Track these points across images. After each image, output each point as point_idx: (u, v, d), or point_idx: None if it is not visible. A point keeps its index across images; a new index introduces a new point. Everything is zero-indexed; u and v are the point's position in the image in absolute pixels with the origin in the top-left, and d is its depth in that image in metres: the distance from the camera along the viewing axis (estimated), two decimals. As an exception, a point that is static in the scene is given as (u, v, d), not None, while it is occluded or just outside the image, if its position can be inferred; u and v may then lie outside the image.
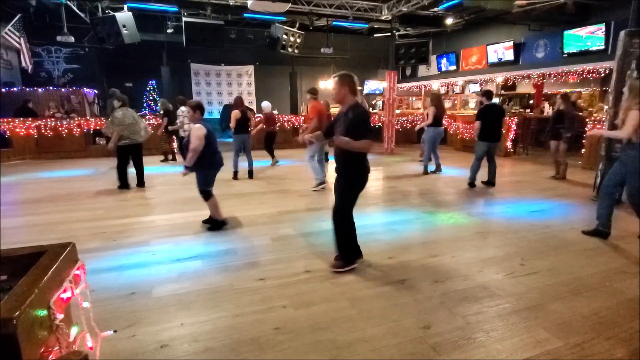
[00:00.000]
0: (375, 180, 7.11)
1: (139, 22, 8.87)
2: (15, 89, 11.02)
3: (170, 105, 8.64)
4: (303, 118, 10.87)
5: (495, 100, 13.45)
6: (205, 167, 4.07)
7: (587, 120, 8.13)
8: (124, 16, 8.59)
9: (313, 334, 2.32)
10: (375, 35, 13.57)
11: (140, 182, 6.42)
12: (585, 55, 9.62)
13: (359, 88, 6.72)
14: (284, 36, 10.27)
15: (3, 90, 10.39)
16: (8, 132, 9.15)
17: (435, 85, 15.03)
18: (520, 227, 4.27)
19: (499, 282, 2.97)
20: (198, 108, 4.11)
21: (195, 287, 2.92)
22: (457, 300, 2.70)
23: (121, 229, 4.26)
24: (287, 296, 2.77)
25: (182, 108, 7.59)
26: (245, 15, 10.01)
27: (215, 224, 4.24)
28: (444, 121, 8.35)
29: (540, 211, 4.93)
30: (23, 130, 9.25)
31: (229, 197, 5.75)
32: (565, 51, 10.08)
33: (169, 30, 11.77)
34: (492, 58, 12.29)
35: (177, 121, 7.90)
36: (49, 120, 9.58)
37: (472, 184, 6.26)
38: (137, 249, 3.69)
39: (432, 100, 7.38)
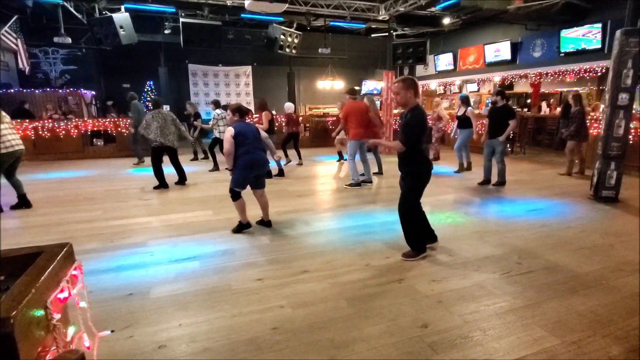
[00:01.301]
0: (373, 180, 7.12)
1: (136, 23, 8.86)
2: (12, 90, 10.99)
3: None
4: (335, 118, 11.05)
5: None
6: (238, 168, 4.00)
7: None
8: (121, 17, 8.58)
9: (311, 334, 2.32)
10: (372, 35, 13.61)
11: (181, 181, 6.62)
12: (582, 55, 9.67)
13: (357, 88, 6.79)
14: (282, 36, 10.28)
15: (0, 91, 10.36)
16: (5, 133, 9.11)
17: (433, 85, 15.08)
18: (517, 226, 4.29)
19: (495, 281, 2.98)
20: (237, 111, 4.10)
21: (193, 288, 2.92)
22: (454, 299, 2.71)
23: (119, 230, 4.26)
24: (284, 296, 2.77)
25: (217, 111, 7.88)
26: (242, 15, 10.02)
27: (239, 226, 4.19)
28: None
29: (537, 210, 4.95)
30: (20, 131, 9.20)
31: (227, 198, 5.75)
32: (562, 50, 10.13)
33: (166, 31, 11.77)
34: (490, 57, 12.32)
35: (210, 123, 8.11)
36: (46, 121, 9.56)
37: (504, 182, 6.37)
38: (135, 250, 3.69)
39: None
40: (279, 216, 4.78)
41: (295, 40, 10.69)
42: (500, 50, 11.95)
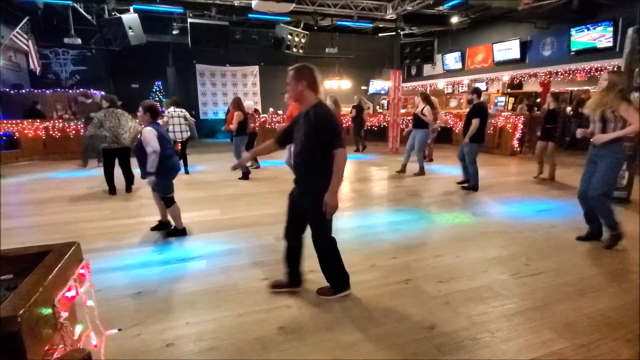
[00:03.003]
0: (380, 180, 7.11)
1: (144, 24, 8.93)
2: (23, 90, 11.15)
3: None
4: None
5: (497, 100, 13.39)
6: (163, 173, 3.83)
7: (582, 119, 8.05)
8: (130, 18, 8.66)
9: (317, 334, 2.32)
10: (380, 34, 13.56)
11: (128, 188, 6.14)
12: (593, 53, 9.52)
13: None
14: (289, 36, 10.29)
15: (12, 92, 10.52)
16: (17, 133, 9.27)
17: (441, 84, 14.97)
18: (526, 227, 4.24)
19: (503, 282, 2.96)
20: (150, 110, 3.88)
21: (200, 287, 2.94)
22: (462, 301, 2.69)
23: (127, 229, 4.30)
24: (291, 296, 2.78)
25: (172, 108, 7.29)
26: (250, 15, 10.05)
27: (174, 232, 4.08)
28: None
29: (546, 211, 4.89)
30: (31, 131, 9.36)
31: (234, 197, 5.78)
32: (573, 49, 9.99)
33: (174, 32, 11.86)
34: (499, 56, 12.20)
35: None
36: (56, 121, 9.69)
37: (476, 187, 6.03)
38: (143, 249, 3.72)
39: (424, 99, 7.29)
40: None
41: (303, 40, 10.69)
42: (509, 49, 11.82)
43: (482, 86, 13.83)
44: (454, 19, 11.18)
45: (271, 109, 13.28)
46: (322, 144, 2.41)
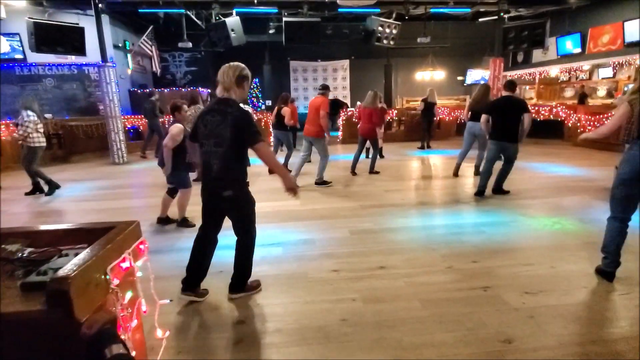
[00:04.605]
0: (467, 177, 6.60)
1: (244, 25, 9.64)
2: (147, 90, 13.01)
3: None
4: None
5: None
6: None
7: None
8: (232, 21, 9.44)
9: (378, 331, 2.28)
10: (480, 19, 12.46)
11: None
12: None
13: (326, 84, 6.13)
14: (379, 28, 10.10)
15: (139, 91, 12.35)
16: (141, 127, 10.87)
17: (554, 71, 13.19)
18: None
19: (607, 303, 2.51)
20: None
21: (273, 272, 3.10)
22: (551, 317, 2.36)
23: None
24: (357, 290, 2.77)
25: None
26: (340, 10, 10.12)
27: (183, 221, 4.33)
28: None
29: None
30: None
31: (316, 189, 5.94)
32: None
33: (270, 31, 12.56)
34: (631, 36, 10.25)
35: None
36: (169, 117, 11.09)
37: (480, 192, 5.21)
38: (230, 233, 4.05)
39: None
40: (362, 209, 4.77)
41: (394, 31, 10.38)
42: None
43: (608, 72, 11.81)
44: (573, -5, 9.70)
45: (359, 103, 13.26)
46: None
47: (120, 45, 11.70)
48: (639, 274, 2.81)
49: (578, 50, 12.17)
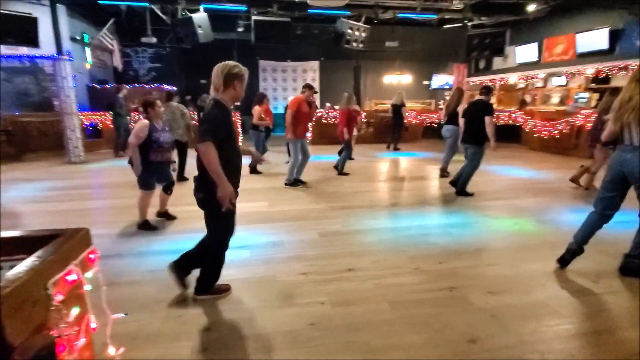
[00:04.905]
0: (434, 179, 6.78)
1: (212, 22, 9.39)
2: (108, 86, 12.39)
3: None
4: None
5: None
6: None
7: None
8: (199, 17, 9.16)
9: (347, 334, 2.26)
10: (445, 26, 12.86)
11: (179, 178, 6.18)
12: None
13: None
14: (349, 30, 10.16)
15: (98, 87, 11.73)
16: (100, 124, 10.34)
17: (513, 78, 13.84)
18: (600, 240, 3.69)
19: (564, 300, 2.64)
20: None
21: (241, 275, 3.02)
22: (512, 316, 2.45)
23: (185, 216, 4.54)
24: (326, 293, 2.74)
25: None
26: (310, 11, 10.10)
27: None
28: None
29: (628, 222, 4.25)
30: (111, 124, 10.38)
31: (285, 190, 5.88)
32: (676, 37, 8.62)
33: (239, 29, 12.32)
34: (582, 47, 10.94)
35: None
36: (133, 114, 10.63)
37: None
38: (195, 235, 3.88)
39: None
40: (332, 211, 4.76)
41: (363, 34, 10.47)
42: (595, 39, 10.54)
43: (562, 80, 12.55)
44: (531, 7, 10.22)
45: (328, 104, 13.31)
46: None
47: (78, 38, 11.06)
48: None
49: (535, 59, 12.85)
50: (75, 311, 1.12)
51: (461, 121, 5.51)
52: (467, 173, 5.41)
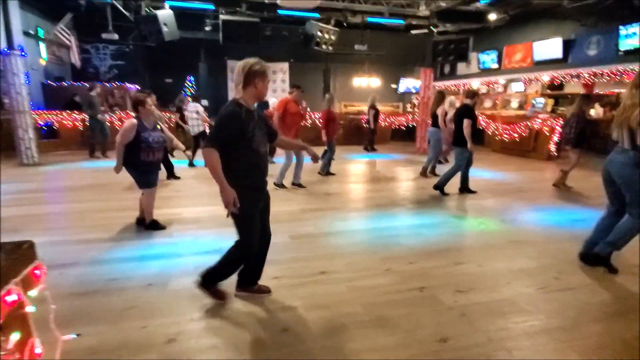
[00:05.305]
0: (405, 181, 6.91)
1: (178, 20, 9.10)
2: (65, 83, 11.71)
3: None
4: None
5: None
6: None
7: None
8: (165, 14, 8.85)
9: (321, 339, 2.23)
10: (412, 31, 13.17)
11: (169, 175, 6.70)
12: (644, 53, 8.80)
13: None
14: (319, 33, 10.18)
15: (55, 84, 11.06)
16: (56, 124, 9.75)
17: (475, 83, 14.40)
18: (560, 237, 3.94)
19: (529, 297, 2.74)
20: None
21: (209, 282, 2.90)
22: (480, 314, 2.51)
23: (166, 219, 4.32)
24: (299, 297, 2.70)
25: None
26: (279, 12, 10.04)
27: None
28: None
29: (583, 220, 4.52)
30: (70, 122, 9.82)
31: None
32: (622, 49, 9.28)
33: (207, 28, 12.03)
34: (539, 56, 11.56)
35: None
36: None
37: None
38: (161, 240, 3.75)
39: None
40: (303, 214, 4.72)
41: (332, 37, 10.53)
42: (550, 48, 11.17)
43: (520, 86, 13.19)
44: (492, 16, 10.66)
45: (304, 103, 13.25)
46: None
47: (32, 32, 10.38)
48: None
49: (495, 65, 13.45)
50: (15, 336, 0.99)
51: (451, 124, 5.79)
52: (449, 172, 5.65)
